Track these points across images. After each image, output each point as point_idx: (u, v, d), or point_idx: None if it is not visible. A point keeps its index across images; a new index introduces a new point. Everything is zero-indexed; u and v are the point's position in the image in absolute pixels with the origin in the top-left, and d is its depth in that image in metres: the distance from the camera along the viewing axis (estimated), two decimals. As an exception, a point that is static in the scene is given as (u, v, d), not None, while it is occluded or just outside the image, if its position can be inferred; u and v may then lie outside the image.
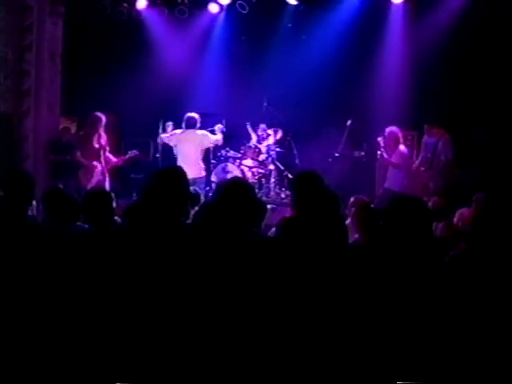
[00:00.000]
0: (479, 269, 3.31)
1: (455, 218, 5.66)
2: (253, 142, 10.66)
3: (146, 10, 10.91)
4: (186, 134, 9.39)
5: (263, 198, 9.57)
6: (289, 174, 10.28)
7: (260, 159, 10.56)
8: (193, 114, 9.43)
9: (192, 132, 9.37)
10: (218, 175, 10.18)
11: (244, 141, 10.67)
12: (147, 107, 10.83)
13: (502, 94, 9.37)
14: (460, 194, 7.15)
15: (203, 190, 8.94)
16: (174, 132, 9.54)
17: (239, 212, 3.60)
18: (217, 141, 9.64)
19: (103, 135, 9.23)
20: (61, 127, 10.53)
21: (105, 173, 9.21)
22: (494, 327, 3.19)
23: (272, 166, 10.62)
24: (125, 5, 10.67)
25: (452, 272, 3.33)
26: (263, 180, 10.62)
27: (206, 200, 6.82)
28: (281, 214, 6.18)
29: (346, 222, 4.69)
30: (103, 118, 9.20)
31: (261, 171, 10.56)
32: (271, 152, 10.58)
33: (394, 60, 10.31)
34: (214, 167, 10.39)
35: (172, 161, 9.38)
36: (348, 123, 9.95)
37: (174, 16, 10.78)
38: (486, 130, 9.53)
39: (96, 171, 9.06)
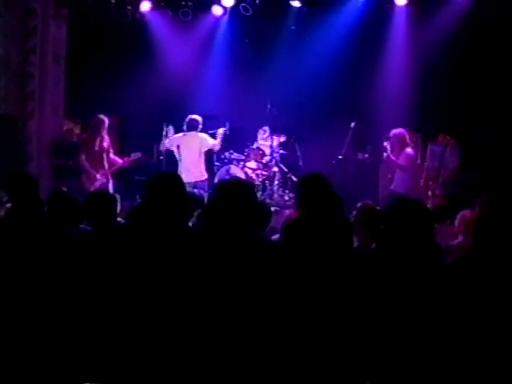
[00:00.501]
0: (482, 272, 3.29)
1: (457, 220, 5.64)
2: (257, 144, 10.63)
3: (150, 13, 10.91)
4: (187, 137, 9.31)
5: (267, 201, 9.55)
6: (292, 176, 10.26)
7: (264, 161, 10.54)
8: (195, 116, 9.36)
9: (193, 134, 9.31)
10: (222, 177, 10.15)
11: (248, 143, 10.67)
12: (151, 109, 10.84)
13: (506, 96, 9.35)
14: (462, 196, 7.14)
15: (206, 193, 8.91)
16: (174, 136, 9.41)
17: (237, 211, 3.59)
18: (213, 145, 9.46)
19: (106, 138, 9.21)
20: (64, 129, 10.56)
21: (108, 175, 9.20)
22: (498, 331, 3.18)
23: (276, 168, 10.57)
24: (129, 7, 10.66)
25: (454, 275, 3.32)
26: (267, 182, 10.58)
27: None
28: (284, 217, 6.18)
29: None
30: (106, 121, 9.18)
31: (264, 173, 10.52)
32: (275, 154, 10.55)
33: (398, 62, 10.29)
34: (218, 169, 10.37)
35: (176, 163, 9.36)
36: (352, 125, 9.92)
37: (178, 18, 10.76)
38: (490, 131, 9.49)
39: (98, 179, 9.03)
